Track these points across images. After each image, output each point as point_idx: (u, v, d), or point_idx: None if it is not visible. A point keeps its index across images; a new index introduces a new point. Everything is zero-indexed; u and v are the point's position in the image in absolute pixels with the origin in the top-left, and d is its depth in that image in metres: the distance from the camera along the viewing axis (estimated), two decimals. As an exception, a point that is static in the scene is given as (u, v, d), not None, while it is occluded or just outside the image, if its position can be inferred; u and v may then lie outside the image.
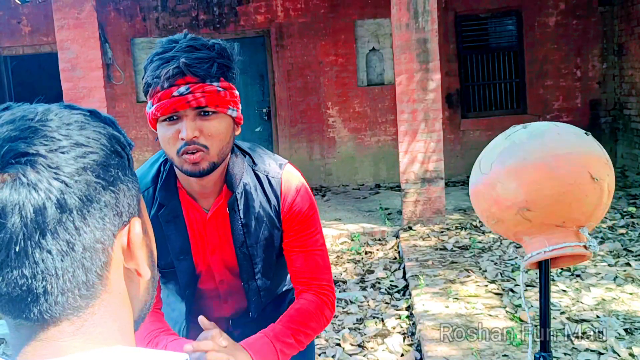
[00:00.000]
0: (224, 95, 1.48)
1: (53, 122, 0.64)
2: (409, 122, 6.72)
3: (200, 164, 1.48)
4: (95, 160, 0.64)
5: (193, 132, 1.45)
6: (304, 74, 9.36)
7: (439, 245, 6.09)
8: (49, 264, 0.61)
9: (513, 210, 1.39)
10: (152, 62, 1.47)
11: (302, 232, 1.69)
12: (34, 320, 0.64)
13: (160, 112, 1.45)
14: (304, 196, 1.69)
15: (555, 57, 9.18)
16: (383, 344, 4.21)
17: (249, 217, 1.64)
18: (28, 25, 9.44)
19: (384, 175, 9.43)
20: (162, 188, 1.63)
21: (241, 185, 1.62)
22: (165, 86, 1.43)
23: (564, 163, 1.34)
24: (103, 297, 0.67)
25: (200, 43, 1.48)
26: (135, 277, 0.72)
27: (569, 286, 4.72)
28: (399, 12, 6.65)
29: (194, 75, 1.43)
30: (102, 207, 0.64)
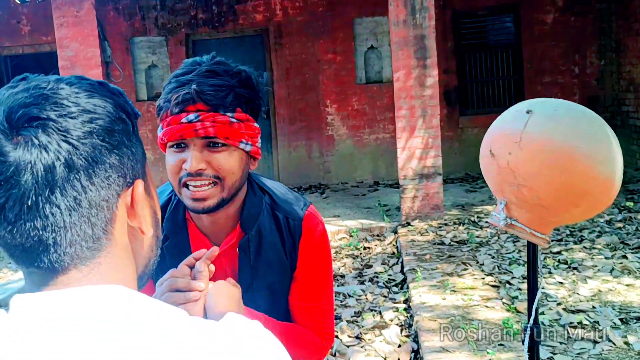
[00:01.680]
0: (238, 127, 1.35)
1: (64, 91, 0.70)
2: (406, 118, 6.75)
3: (207, 200, 1.37)
4: (101, 126, 0.70)
5: (198, 164, 1.34)
6: (303, 72, 9.40)
7: (436, 240, 6.12)
8: (58, 217, 0.67)
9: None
10: (169, 84, 1.38)
11: (313, 284, 1.56)
12: (45, 269, 0.69)
13: (167, 137, 1.35)
14: (323, 244, 1.57)
15: (553, 54, 9.21)
16: (380, 335, 4.24)
17: (260, 260, 1.52)
18: (28, 25, 9.48)
19: (382, 173, 9.46)
20: (169, 219, 1.52)
21: (256, 226, 1.50)
22: (175, 111, 1.34)
23: (484, 138, 1.50)
24: (108, 250, 0.72)
25: (223, 69, 1.37)
26: (139, 234, 0.78)
27: (566, 278, 4.74)
28: (396, 9, 6.68)
29: (205, 103, 1.33)
30: (107, 168, 0.71)
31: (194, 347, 0.66)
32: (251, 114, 1.40)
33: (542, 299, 4.38)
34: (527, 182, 1.40)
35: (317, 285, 1.55)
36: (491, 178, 1.48)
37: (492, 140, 1.45)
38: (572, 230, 6.05)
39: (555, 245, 5.60)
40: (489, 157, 1.44)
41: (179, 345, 0.66)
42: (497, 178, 1.44)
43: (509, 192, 1.43)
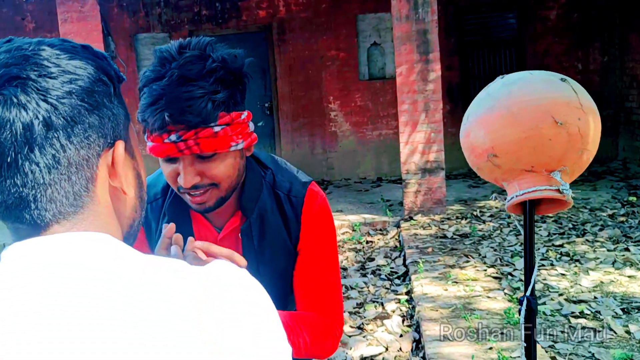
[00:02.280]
0: (224, 134, 1.28)
1: (45, 52, 0.71)
2: (409, 112, 6.76)
3: (206, 202, 1.35)
4: (81, 86, 0.71)
5: (193, 179, 1.30)
6: (306, 68, 9.41)
7: (439, 233, 6.12)
8: (37, 174, 0.69)
9: (484, 158, 1.44)
10: (143, 94, 1.28)
11: (317, 260, 1.51)
12: (28, 224, 0.71)
13: (153, 154, 1.31)
14: (326, 220, 1.52)
15: (556, 51, 9.21)
16: (382, 325, 4.25)
17: (264, 244, 1.48)
18: (32, 21, 9.52)
19: (385, 169, 9.47)
20: (171, 203, 1.50)
21: (257, 209, 1.46)
22: (155, 131, 1.27)
23: (527, 109, 1.37)
24: (91, 207, 0.73)
25: (195, 71, 1.25)
26: (121, 195, 0.79)
27: (568, 270, 4.75)
28: (398, 4, 6.69)
29: (184, 125, 1.25)
30: (86, 128, 0.72)
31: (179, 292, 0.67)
32: (235, 107, 1.32)
33: (544, 289, 4.38)
34: (590, 145, 1.43)
35: (321, 261, 1.51)
36: (551, 150, 1.39)
37: (551, 110, 1.37)
38: (574, 224, 6.05)
39: (558, 238, 5.60)
40: (552, 129, 1.35)
41: (164, 289, 0.66)
42: (563, 147, 1.38)
43: (570, 160, 1.42)
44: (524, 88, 1.41)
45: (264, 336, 0.69)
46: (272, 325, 0.71)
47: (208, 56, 1.28)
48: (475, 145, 1.45)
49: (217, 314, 0.67)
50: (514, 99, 1.40)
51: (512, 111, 1.38)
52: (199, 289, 0.68)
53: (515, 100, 1.39)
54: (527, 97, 1.39)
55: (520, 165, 1.40)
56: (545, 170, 1.41)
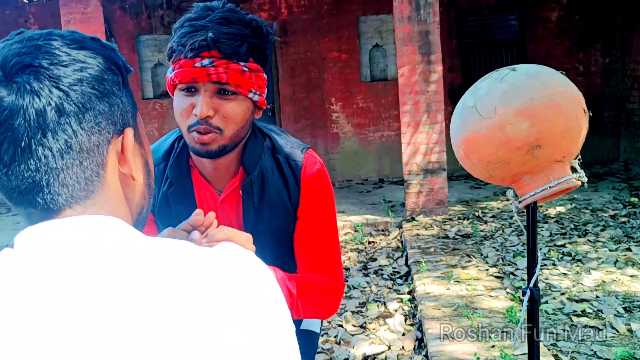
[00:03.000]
0: (249, 77, 1.38)
1: (55, 42, 0.74)
2: (411, 113, 6.78)
3: (210, 145, 1.39)
4: (91, 74, 0.74)
5: (208, 110, 1.35)
6: (308, 70, 9.44)
7: (441, 234, 6.14)
8: (50, 159, 0.71)
9: (523, 150, 1.42)
10: (182, 27, 1.37)
11: (317, 223, 1.57)
12: (41, 209, 0.73)
13: (179, 78, 1.36)
14: (325, 184, 1.57)
15: (557, 52, 9.23)
16: (385, 324, 4.26)
17: (264, 203, 1.53)
18: (35, 23, 9.56)
19: (387, 170, 9.49)
20: (173, 165, 1.54)
21: (258, 167, 1.51)
22: (189, 56, 1.35)
23: (566, 100, 1.41)
24: (102, 192, 0.76)
25: (237, 17, 1.37)
26: (130, 181, 0.81)
27: (570, 269, 4.76)
28: (400, 5, 6.71)
29: (220, 51, 1.34)
30: (96, 115, 0.74)
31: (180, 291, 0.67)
32: (261, 64, 1.42)
33: (546, 289, 4.40)
34: None
35: (320, 222, 1.57)
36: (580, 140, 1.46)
37: (580, 101, 1.45)
38: (576, 224, 6.06)
39: (560, 238, 5.62)
40: (583, 118, 1.43)
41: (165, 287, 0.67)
42: (584, 136, 1.46)
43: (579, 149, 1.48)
44: (553, 79, 1.43)
45: (265, 336, 0.70)
46: (273, 325, 0.71)
47: (247, 13, 1.43)
48: (514, 139, 1.42)
49: (218, 313, 0.67)
50: (552, 89, 1.41)
51: (556, 101, 1.40)
52: (200, 286, 0.68)
53: (554, 90, 1.41)
54: (562, 88, 1.42)
55: (556, 156, 1.43)
56: (569, 159, 1.45)
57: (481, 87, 1.54)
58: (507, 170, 1.49)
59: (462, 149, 1.55)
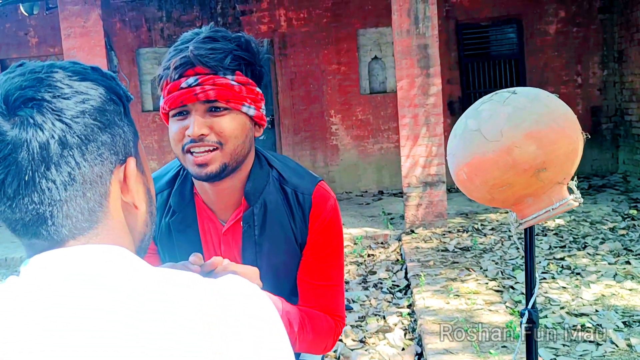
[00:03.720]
0: (239, 90, 1.33)
1: (57, 74, 0.75)
2: (410, 126, 6.80)
3: (208, 165, 1.33)
4: (93, 106, 0.75)
5: (200, 129, 1.31)
6: (307, 82, 9.47)
7: (440, 247, 6.14)
8: (54, 192, 0.72)
9: (530, 173, 1.41)
10: (169, 54, 1.37)
11: (324, 264, 1.50)
12: (45, 239, 0.74)
13: (168, 104, 1.34)
14: (335, 222, 1.50)
15: (556, 65, 9.27)
16: (384, 339, 4.25)
17: (264, 236, 1.47)
18: (35, 36, 9.60)
19: (387, 182, 9.50)
20: (176, 193, 1.50)
21: (261, 198, 1.46)
22: (174, 77, 1.33)
23: (568, 123, 1.43)
24: (105, 222, 0.76)
25: (221, 35, 1.36)
26: (133, 210, 0.81)
27: (569, 283, 4.76)
28: (399, 18, 6.75)
29: (204, 65, 1.31)
30: (99, 146, 0.75)
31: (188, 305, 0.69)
32: (252, 77, 1.38)
33: (545, 302, 4.40)
34: None
35: (327, 263, 1.51)
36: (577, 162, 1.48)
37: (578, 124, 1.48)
38: (575, 237, 6.07)
39: (559, 252, 5.62)
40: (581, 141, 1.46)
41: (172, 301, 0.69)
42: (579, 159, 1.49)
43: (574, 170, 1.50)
44: (554, 102, 1.46)
45: (267, 349, 0.71)
46: (275, 340, 0.73)
47: (235, 34, 1.41)
48: (522, 161, 1.42)
49: (223, 327, 0.68)
50: (555, 112, 1.43)
51: (561, 125, 1.42)
52: (207, 302, 0.70)
53: (558, 114, 1.43)
54: (564, 111, 1.43)
55: (558, 178, 1.44)
56: (568, 181, 1.47)
57: (483, 109, 1.52)
58: (510, 193, 1.48)
59: (464, 172, 1.52)
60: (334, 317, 1.54)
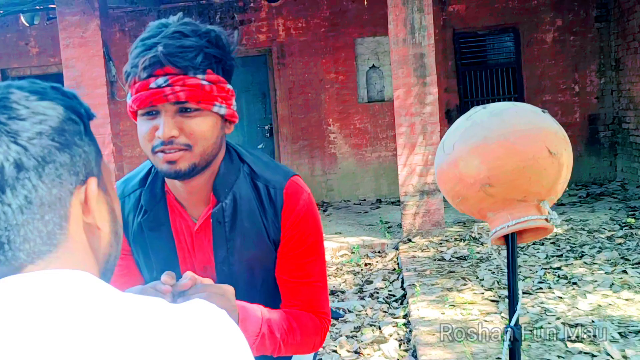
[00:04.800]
0: (210, 90, 1.30)
1: (14, 95, 0.73)
2: (407, 135, 6.82)
3: (178, 163, 1.30)
4: (51, 126, 0.73)
5: (171, 131, 1.28)
6: (305, 91, 9.50)
7: (437, 255, 6.14)
8: (10, 216, 0.70)
9: (476, 187, 1.43)
10: (135, 48, 1.30)
11: (301, 258, 1.47)
12: (2, 265, 0.72)
13: (136, 104, 1.30)
14: (310, 214, 1.46)
15: (553, 73, 9.29)
16: (379, 350, 4.25)
17: (236, 232, 1.44)
18: (36, 46, 9.63)
19: (385, 191, 9.51)
20: (146, 192, 1.47)
21: (231, 194, 1.42)
22: (142, 76, 1.27)
23: (524, 139, 1.39)
24: (65, 245, 0.74)
25: (191, 29, 1.30)
26: (95, 230, 0.79)
27: (565, 293, 4.76)
28: (396, 28, 6.77)
29: (174, 66, 1.26)
30: (57, 167, 0.72)
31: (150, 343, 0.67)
32: (223, 74, 1.35)
33: (541, 313, 4.39)
34: (568, 174, 1.46)
35: (305, 260, 1.47)
36: (544, 179, 1.42)
37: (546, 141, 1.41)
38: (572, 246, 6.07)
39: (556, 261, 5.62)
40: (547, 159, 1.40)
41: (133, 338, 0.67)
42: (553, 177, 1.42)
43: (557, 190, 1.45)
44: (516, 117, 1.43)
45: None
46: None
47: (205, 26, 1.35)
48: (467, 175, 1.45)
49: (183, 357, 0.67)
50: (509, 128, 1.40)
51: (509, 140, 1.39)
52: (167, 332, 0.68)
53: (511, 129, 1.40)
54: (523, 127, 1.40)
55: (514, 195, 1.41)
56: (537, 199, 1.44)
57: (454, 123, 1.57)
58: (468, 206, 1.51)
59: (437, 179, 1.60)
60: (318, 314, 1.51)
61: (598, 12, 9.19)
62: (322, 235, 1.52)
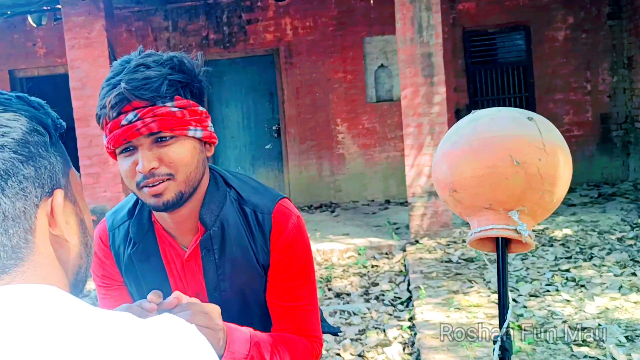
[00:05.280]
0: (181, 116, 1.29)
1: None
2: (414, 135, 6.74)
3: (164, 195, 1.30)
4: (14, 139, 0.71)
5: (150, 163, 1.28)
6: (313, 91, 9.44)
7: (444, 257, 6.07)
8: None
9: (446, 192, 1.42)
10: (102, 89, 1.31)
11: (290, 282, 1.46)
12: None
13: (112, 144, 1.30)
14: (298, 238, 1.45)
15: (564, 71, 9.17)
16: (383, 353, 4.19)
17: (225, 258, 1.43)
18: (43, 47, 9.66)
19: (393, 191, 9.43)
20: (134, 223, 1.47)
21: (218, 221, 1.42)
22: (113, 116, 1.28)
23: (486, 146, 1.36)
24: (31, 259, 0.72)
25: (153, 60, 1.31)
26: (64, 242, 0.77)
27: (573, 295, 4.67)
28: (403, 27, 6.70)
29: (140, 99, 1.26)
30: (21, 180, 0.71)
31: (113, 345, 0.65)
32: (192, 98, 1.34)
33: (548, 316, 4.31)
34: (552, 186, 1.39)
35: (295, 284, 1.46)
36: (507, 189, 1.37)
37: (511, 149, 1.35)
38: (582, 248, 5.97)
39: (564, 262, 5.53)
40: (509, 168, 1.36)
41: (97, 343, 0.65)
42: (521, 187, 1.36)
43: (530, 200, 1.40)
44: (488, 125, 1.39)
45: None
46: None
47: (167, 55, 1.35)
48: (439, 179, 1.45)
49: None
50: (476, 135, 1.38)
51: (472, 147, 1.36)
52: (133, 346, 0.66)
53: (477, 136, 1.37)
54: (489, 135, 1.37)
55: (479, 202, 1.39)
56: (503, 209, 1.38)
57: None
58: (451, 208, 1.50)
59: None
60: (308, 337, 1.50)
61: (610, 9, 9.05)
62: (312, 258, 1.51)
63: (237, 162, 9.41)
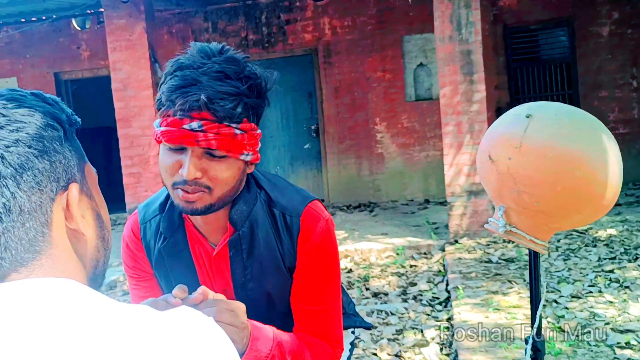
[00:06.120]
0: (241, 139, 1.28)
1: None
2: (453, 134, 6.66)
3: (195, 203, 1.30)
4: (29, 134, 0.73)
5: (195, 173, 1.27)
6: (352, 90, 9.42)
7: (484, 257, 5.98)
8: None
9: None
10: (173, 77, 1.27)
11: (315, 285, 1.46)
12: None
13: (165, 139, 1.28)
14: (326, 241, 1.45)
15: (610, 68, 8.94)
16: (420, 354, 4.15)
17: (253, 259, 1.44)
18: (87, 50, 9.87)
19: (433, 191, 9.33)
20: (165, 218, 1.48)
21: (248, 222, 1.42)
22: (177, 115, 1.25)
23: (484, 141, 1.44)
24: (49, 252, 0.73)
25: (234, 70, 1.27)
26: (81, 236, 0.78)
27: (617, 297, 4.55)
28: (442, 25, 6.63)
29: (212, 113, 1.24)
30: (36, 174, 0.72)
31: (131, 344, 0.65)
32: (255, 120, 1.34)
33: (590, 318, 4.20)
34: (528, 187, 1.36)
35: (320, 287, 1.46)
36: (490, 184, 1.44)
37: (490, 145, 1.40)
38: (627, 248, 5.81)
39: (608, 263, 5.38)
40: (487, 163, 1.40)
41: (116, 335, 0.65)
42: (497, 184, 1.40)
43: (508, 198, 1.39)
44: (496, 120, 1.45)
45: None
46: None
47: (246, 64, 1.32)
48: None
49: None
50: (495, 135, 1.43)
51: (484, 150, 1.43)
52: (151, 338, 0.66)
53: (494, 138, 1.42)
54: (490, 130, 1.44)
55: (494, 199, 1.46)
56: (495, 203, 1.43)
57: None
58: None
59: None
60: (329, 341, 1.50)
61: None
62: (338, 262, 1.51)
63: (276, 161, 9.45)
